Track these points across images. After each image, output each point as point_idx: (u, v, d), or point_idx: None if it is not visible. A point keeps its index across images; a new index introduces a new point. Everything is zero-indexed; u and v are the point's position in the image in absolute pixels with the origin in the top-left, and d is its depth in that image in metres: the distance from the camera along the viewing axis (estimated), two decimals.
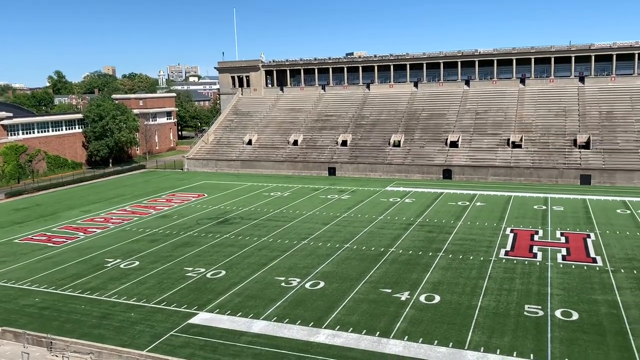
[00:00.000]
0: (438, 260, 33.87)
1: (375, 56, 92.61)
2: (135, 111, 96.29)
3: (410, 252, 35.99)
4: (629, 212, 47.16)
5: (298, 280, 30.69)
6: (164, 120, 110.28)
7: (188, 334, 24.22)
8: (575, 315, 24.76)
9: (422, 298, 27.42)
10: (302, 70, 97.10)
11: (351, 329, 24.07)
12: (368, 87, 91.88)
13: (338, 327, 24.31)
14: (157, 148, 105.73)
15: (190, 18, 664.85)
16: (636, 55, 76.93)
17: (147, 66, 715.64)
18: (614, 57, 78.20)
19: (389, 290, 28.60)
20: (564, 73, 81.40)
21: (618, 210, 47.80)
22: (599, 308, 25.61)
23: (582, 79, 79.71)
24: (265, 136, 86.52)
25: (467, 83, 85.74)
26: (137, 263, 35.00)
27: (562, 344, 21.94)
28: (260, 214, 49.45)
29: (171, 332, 24.36)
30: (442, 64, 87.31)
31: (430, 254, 35.45)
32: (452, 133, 75.83)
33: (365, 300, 27.28)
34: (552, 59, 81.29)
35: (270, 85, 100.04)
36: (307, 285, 29.76)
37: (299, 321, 25.06)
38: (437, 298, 27.38)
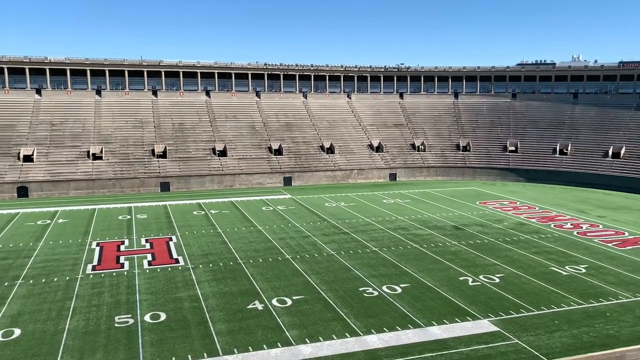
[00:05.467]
0: (17, 289, 30.25)
1: None
2: None
3: None
4: (203, 212, 53.22)
5: None
6: None
7: None
8: (163, 316, 26.33)
9: None
10: None
11: None
12: None
13: None
14: None
15: None
16: (198, 74, 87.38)
17: None
18: (181, 74, 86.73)
19: None
20: (139, 86, 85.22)
21: (194, 212, 53.33)
22: (183, 304, 27.98)
23: (155, 93, 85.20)
24: None
25: (39, 92, 79.60)
26: None
27: (153, 346, 23.02)
28: None
29: None
30: (6, 70, 78.13)
31: (7, 283, 31.33)
32: (26, 146, 68.98)
33: None
34: (127, 72, 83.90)
35: None
36: None
37: None
38: (18, 332, 24.44)
